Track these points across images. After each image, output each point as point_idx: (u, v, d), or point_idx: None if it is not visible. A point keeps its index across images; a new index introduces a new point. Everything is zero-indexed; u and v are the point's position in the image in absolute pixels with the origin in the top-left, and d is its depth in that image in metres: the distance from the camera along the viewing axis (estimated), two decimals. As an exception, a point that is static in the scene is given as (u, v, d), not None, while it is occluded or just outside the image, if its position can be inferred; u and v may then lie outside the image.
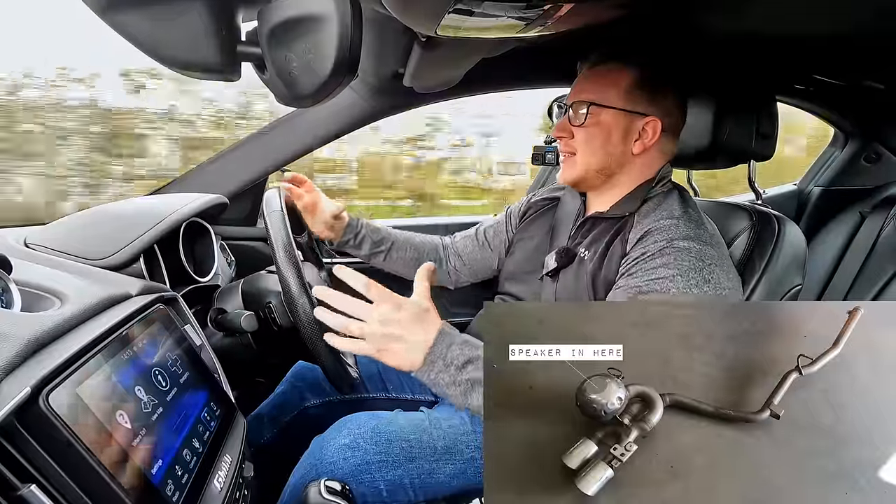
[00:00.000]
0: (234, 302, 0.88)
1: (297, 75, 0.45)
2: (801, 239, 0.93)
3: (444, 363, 0.63)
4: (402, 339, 0.62)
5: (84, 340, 0.48)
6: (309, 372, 1.04)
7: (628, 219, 0.81)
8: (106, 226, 0.83)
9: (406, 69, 0.83)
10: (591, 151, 0.81)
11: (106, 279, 0.66)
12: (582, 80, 0.83)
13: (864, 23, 0.76)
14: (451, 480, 0.81)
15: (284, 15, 0.43)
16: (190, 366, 0.63)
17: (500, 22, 0.54)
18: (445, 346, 0.63)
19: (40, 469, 0.40)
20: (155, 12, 0.42)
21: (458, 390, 0.63)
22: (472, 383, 0.62)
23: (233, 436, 0.65)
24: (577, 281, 0.81)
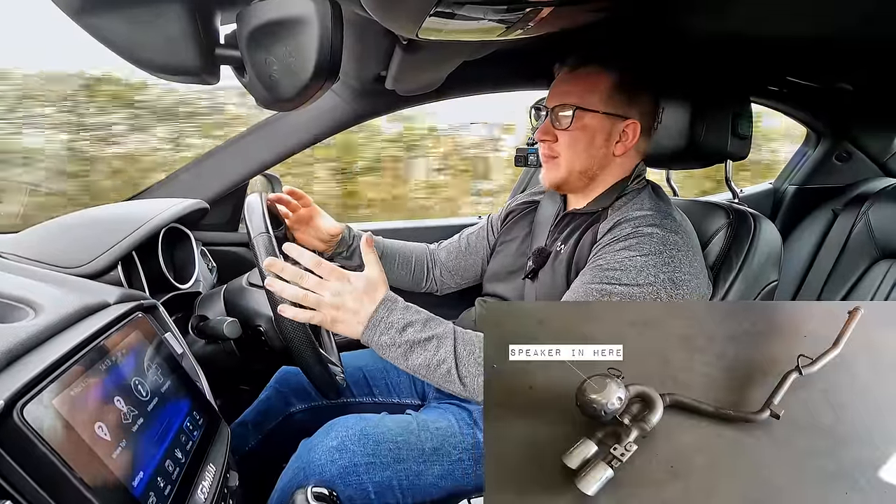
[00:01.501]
0: (215, 309, 0.86)
1: (278, 78, 0.44)
2: (777, 236, 0.96)
3: (385, 325, 0.69)
4: (351, 310, 0.68)
5: (60, 351, 0.47)
6: (293, 377, 1.03)
7: (602, 213, 0.84)
8: (82, 232, 0.81)
9: (388, 72, 0.83)
10: (575, 154, 0.83)
11: (82, 287, 0.64)
12: (562, 84, 0.84)
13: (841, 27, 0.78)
14: (439, 482, 0.80)
15: (264, 17, 0.43)
16: (171, 374, 0.61)
17: (482, 25, 0.54)
18: (387, 310, 0.69)
19: (15, 485, 0.39)
20: (130, 15, 0.41)
21: (399, 351, 0.69)
22: (411, 345, 0.68)
23: (216, 445, 0.64)
24: (554, 276, 0.84)
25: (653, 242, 0.74)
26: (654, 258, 0.72)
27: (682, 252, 0.74)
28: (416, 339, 0.68)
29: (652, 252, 0.73)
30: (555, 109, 0.82)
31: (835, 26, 0.78)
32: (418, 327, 0.69)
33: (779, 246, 0.96)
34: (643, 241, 0.74)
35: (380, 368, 1.05)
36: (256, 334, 0.83)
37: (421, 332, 0.69)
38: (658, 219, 0.78)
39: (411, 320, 0.69)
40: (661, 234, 0.75)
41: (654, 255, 0.73)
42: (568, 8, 0.57)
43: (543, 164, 0.88)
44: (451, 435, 0.84)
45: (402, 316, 0.69)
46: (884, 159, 1.56)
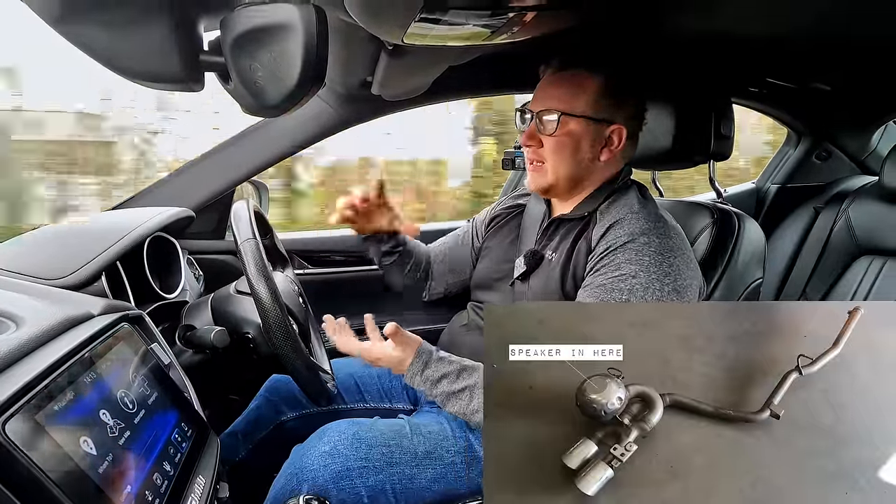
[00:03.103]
0: (203, 318, 0.85)
1: (263, 85, 0.44)
2: (761, 234, 0.98)
3: (421, 379, 0.77)
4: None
5: (43, 364, 0.46)
6: (283, 385, 1.02)
7: (590, 217, 0.83)
8: (64, 243, 0.80)
9: (374, 77, 0.83)
10: (561, 160, 0.82)
11: (65, 299, 0.63)
12: (547, 87, 0.83)
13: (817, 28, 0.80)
14: (431, 485, 0.80)
15: (248, 24, 0.42)
16: (158, 386, 0.60)
17: (466, 30, 0.54)
18: (422, 363, 0.77)
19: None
20: (111, 22, 0.41)
21: (437, 401, 0.77)
22: (447, 395, 0.75)
23: (206, 456, 0.63)
24: (547, 283, 0.83)
25: (651, 253, 0.74)
26: (655, 270, 0.73)
27: (678, 257, 0.75)
28: (450, 391, 0.75)
29: (653, 263, 0.73)
30: (540, 114, 0.82)
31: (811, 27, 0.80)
32: (452, 378, 0.76)
33: (762, 244, 0.98)
34: (642, 251, 0.74)
35: (371, 374, 1.05)
36: (245, 343, 0.82)
37: (454, 384, 0.75)
38: (651, 222, 0.78)
39: (445, 372, 0.76)
40: (657, 241, 0.75)
41: (655, 267, 0.73)
42: (552, 12, 0.57)
43: (529, 170, 0.87)
44: (444, 438, 0.83)
45: (435, 369, 0.76)
46: (862, 157, 1.60)
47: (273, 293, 0.70)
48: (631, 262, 0.74)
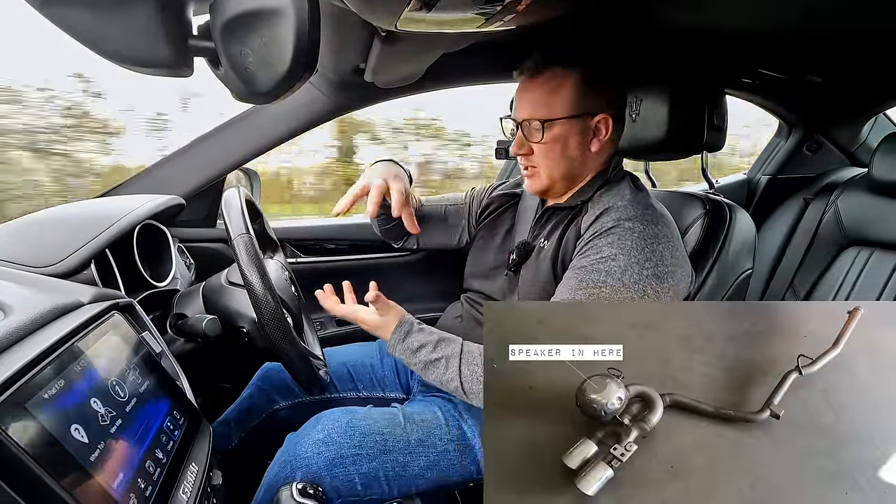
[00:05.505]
0: (194, 306, 0.85)
1: (254, 71, 0.43)
2: (751, 225, 0.98)
3: (402, 348, 0.81)
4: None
5: (32, 353, 0.45)
6: (276, 374, 1.02)
7: (583, 206, 0.84)
8: (53, 230, 0.79)
9: (367, 64, 0.82)
10: (553, 163, 0.83)
11: (54, 287, 0.62)
12: (525, 93, 0.83)
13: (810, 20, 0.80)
14: (424, 472, 0.81)
15: (238, 8, 0.41)
16: (149, 374, 0.60)
17: (461, 17, 0.54)
18: (402, 334, 0.81)
19: (-11, 491, 0.38)
20: (98, 5, 0.40)
21: (417, 370, 0.81)
22: (425, 364, 0.79)
23: (198, 444, 0.63)
24: (538, 271, 0.84)
25: (634, 238, 0.75)
26: (636, 254, 0.74)
27: (662, 244, 0.76)
28: (428, 360, 0.79)
29: (634, 248, 0.74)
30: (523, 124, 0.82)
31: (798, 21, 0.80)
32: (430, 348, 0.79)
33: (753, 235, 0.99)
34: (625, 236, 0.75)
35: (364, 363, 1.05)
36: (237, 331, 0.82)
37: (432, 354, 0.79)
38: (639, 210, 0.79)
39: (424, 342, 0.80)
40: (641, 227, 0.76)
41: (637, 251, 0.74)
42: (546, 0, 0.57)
43: (524, 175, 0.88)
44: (437, 426, 0.84)
45: (414, 339, 0.81)
46: (852, 149, 1.61)
47: (267, 288, 0.70)
48: (612, 245, 0.75)
